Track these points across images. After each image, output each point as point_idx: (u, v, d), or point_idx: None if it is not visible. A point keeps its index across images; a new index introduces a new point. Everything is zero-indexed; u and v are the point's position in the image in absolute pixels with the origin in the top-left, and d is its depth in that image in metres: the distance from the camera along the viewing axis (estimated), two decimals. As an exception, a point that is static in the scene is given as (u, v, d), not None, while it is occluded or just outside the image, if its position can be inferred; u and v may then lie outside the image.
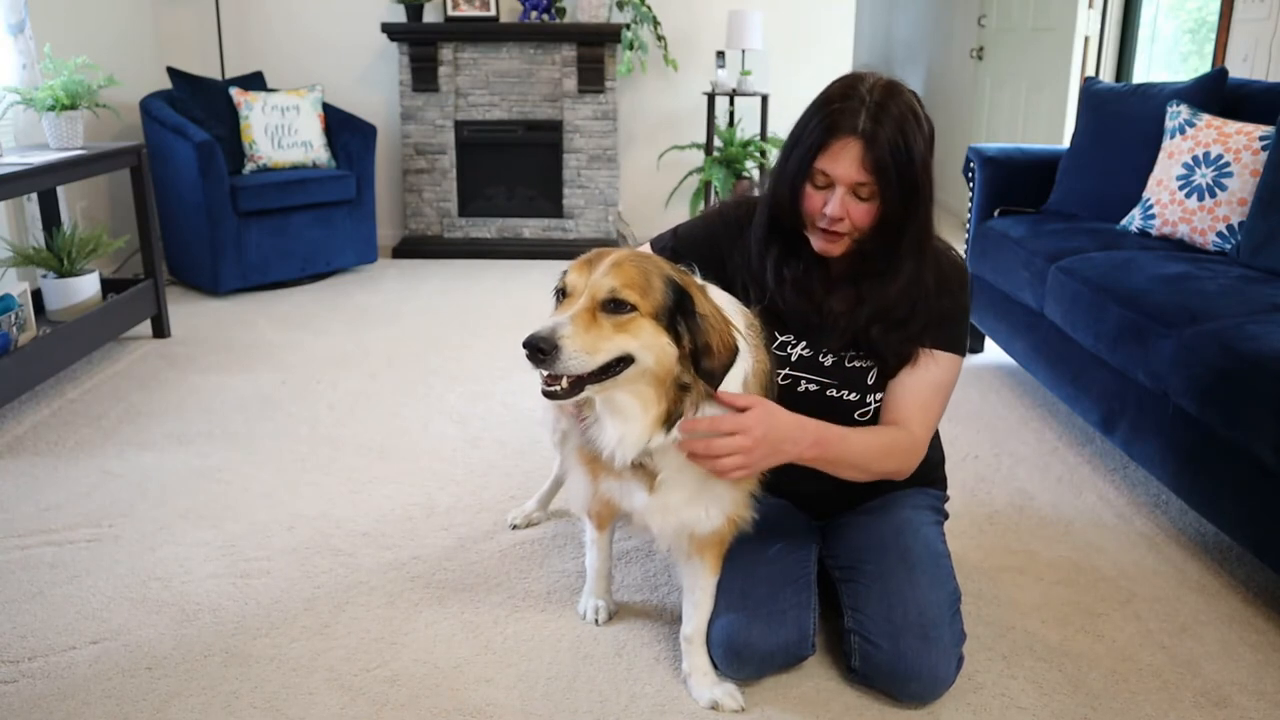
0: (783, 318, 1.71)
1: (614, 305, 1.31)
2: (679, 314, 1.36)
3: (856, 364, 1.70)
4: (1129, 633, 1.86)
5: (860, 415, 1.70)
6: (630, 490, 1.55)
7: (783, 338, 1.72)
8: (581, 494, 1.71)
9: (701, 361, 1.37)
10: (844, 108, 1.53)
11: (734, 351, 1.40)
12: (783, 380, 1.70)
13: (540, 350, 1.26)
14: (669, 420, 1.40)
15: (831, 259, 1.66)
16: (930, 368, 1.67)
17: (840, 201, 1.55)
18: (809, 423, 1.54)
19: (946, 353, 1.68)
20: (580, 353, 1.28)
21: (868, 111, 1.51)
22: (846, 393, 1.70)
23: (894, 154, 1.51)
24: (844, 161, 1.53)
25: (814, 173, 1.57)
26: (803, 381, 1.72)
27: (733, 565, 1.69)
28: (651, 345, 1.34)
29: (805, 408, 1.67)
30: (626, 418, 1.41)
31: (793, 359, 1.72)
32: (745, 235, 1.73)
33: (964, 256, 1.76)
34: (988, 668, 1.74)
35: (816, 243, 1.63)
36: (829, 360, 1.70)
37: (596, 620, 1.87)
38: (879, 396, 1.70)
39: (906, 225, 1.57)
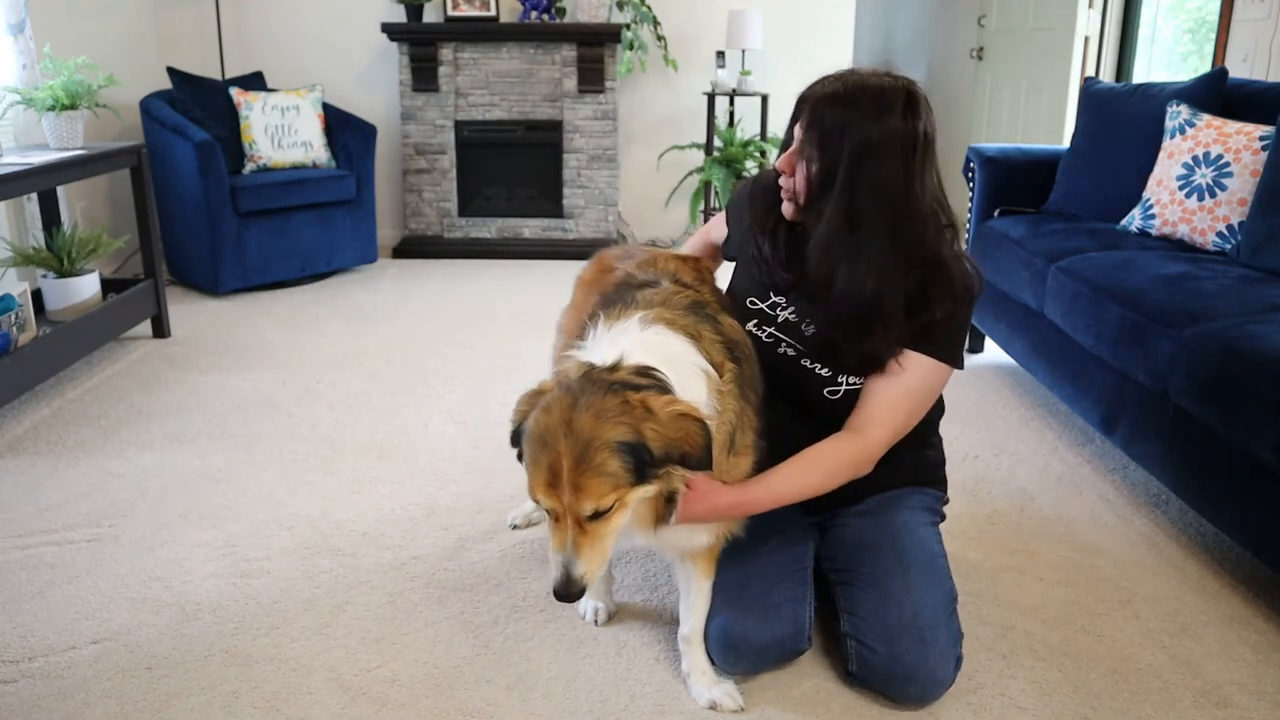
0: (772, 276, 1.75)
1: (596, 514, 1.34)
2: (647, 469, 1.36)
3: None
4: (1129, 633, 1.86)
5: (829, 393, 1.70)
6: None
7: (775, 298, 1.76)
8: None
9: (689, 463, 1.38)
10: (822, 79, 1.62)
11: (706, 437, 1.38)
12: (766, 338, 1.75)
13: (574, 596, 1.36)
14: (660, 519, 1.45)
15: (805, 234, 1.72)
16: (910, 371, 1.65)
17: (785, 157, 1.64)
18: (724, 489, 1.54)
19: (928, 358, 1.65)
20: (596, 570, 1.37)
21: (832, 83, 1.60)
22: (819, 367, 1.70)
23: (834, 124, 1.56)
24: (802, 122, 1.63)
25: (792, 136, 1.66)
26: (783, 344, 1.74)
27: (729, 560, 1.69)
28: (637, 507, 1.41)
29: (783, 370, 1.72)
30: (630, 535, 1.48)
31: (779, 320, 1.75)
32: (766, 194, 1.80)
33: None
34: (988, 668, 1.74)
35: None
36: (809, 330, 1.72)
37: (596, 621, 1.86)
38: (853, 381, 1.68)
39: (824, 197, 1.59)
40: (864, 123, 1.54)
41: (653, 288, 1.62)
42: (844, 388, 1.69)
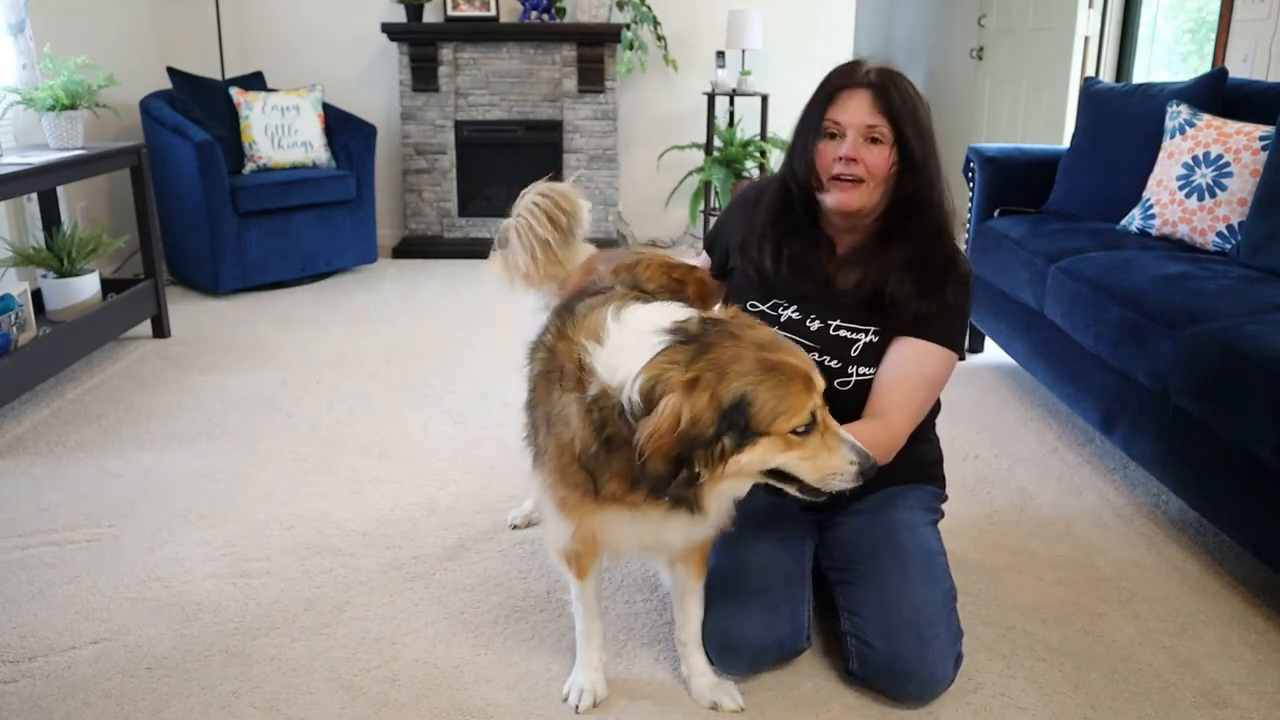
0: (773, 287, 1.76)
1: None
2: None
3: (842, 333, 1.72)
4: (1129, 633, 1.86)
5: (840, 384, 1.71)
6: (630, 520, 1.46)
7: (776, 299, 1.78)
8: (560, 535, 1.54)
9: None
10: (849, 69, 1.67)
11: None
12: None
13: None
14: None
15: (841, 239, 1.74)
16: (919, 359, 1.68)
17: (853, 144, 1.63)
18: None
19: (939, 346, 1.69)
20: None
21: (873, 71, 1.65)
22: (828, 359, 1.72)
23: (903, 100, 1.63)
24: (853, 107, 1.64)
25: (824, 126, 1.66)
26: None
27: (727, 560, 1.69)
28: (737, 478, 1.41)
29: None
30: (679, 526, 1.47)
31: (781, 319, 1.76)
32: (756, 208, 1.81)
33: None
34: (988, 668, 1.74)
35: (832, 198, 1.67)
36: (814, 326, 1.73)
37: (578, 707, 1.62)
38: (863, 370, 1.70)
39: (928, 171, 1.65)
40: (918, 98, 1.65)
41: (602, 294, 1.57)
42: (854, 379, 1.71)
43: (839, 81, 1.66)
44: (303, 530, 2.24)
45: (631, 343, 1.36)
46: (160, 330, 3.70)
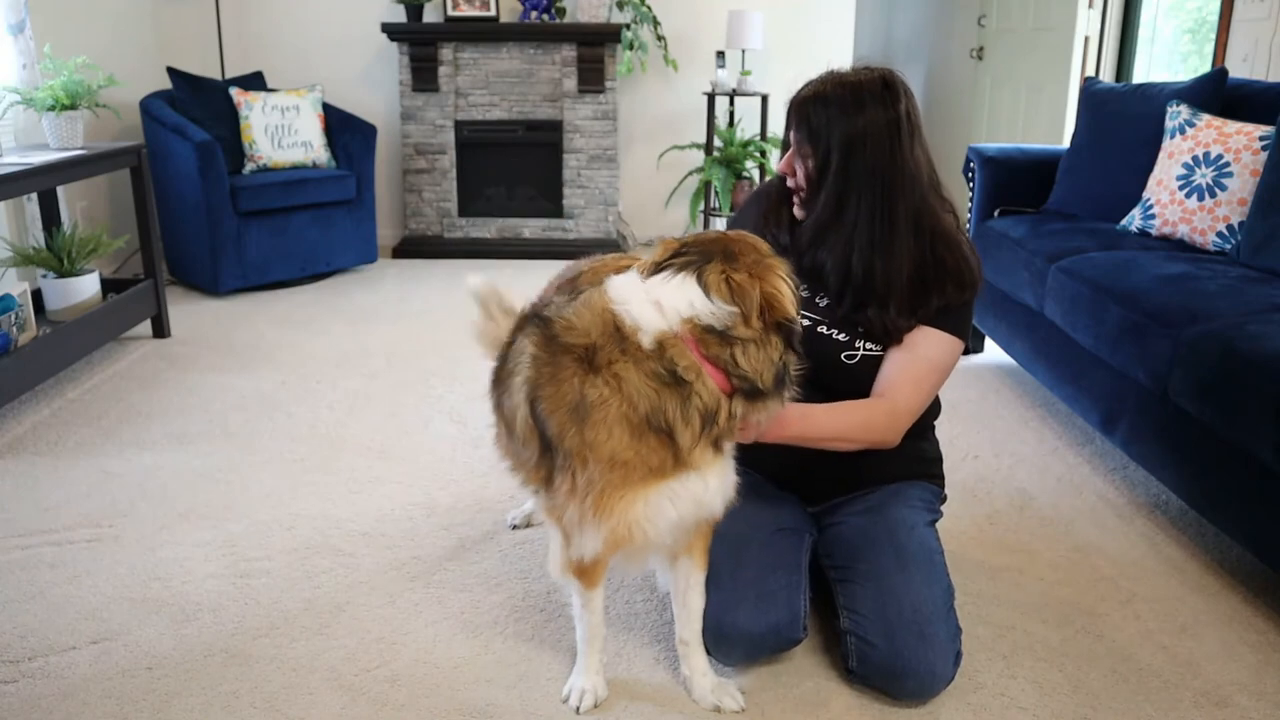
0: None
1: None
2: None
3: None
4: (1129, 633, 1.86)
5: (847, 357, 1.73)
6: (672, 497, 1.44)
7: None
8: (593, 540, 1.47)
9: None
10: (805, 85, 1.71)
11: None
12: None
13: None
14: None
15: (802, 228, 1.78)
16: (927, 344, 1.69)
17: (788, 159, 1.74)
18: None
19: (946, 334, 1.70)
20: None
21: (810, 85, 1.69)
22: (836, 332, 1.74)
23: (813, 124, 1.66)
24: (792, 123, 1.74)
25: (789, 141, 1.75)
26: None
27: (723, 549, 1.69)
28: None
29: None
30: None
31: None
32: (765, 204, 1.86)
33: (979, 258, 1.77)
34: (988, 668, 1.74)
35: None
36: (824, 303, 1.76)
37: (578, 708, 1.63)
38: (869, 346, 1.72)
39: (822, 188, 1.68)
40: (846, 116, 1.63)
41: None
42: (861, 353, 1.73)
43: (791, 99, 1.72)
44: (303, 530, 2.24)
45: (648, 293, 1.41)
46: (160, 330, 3.70)
